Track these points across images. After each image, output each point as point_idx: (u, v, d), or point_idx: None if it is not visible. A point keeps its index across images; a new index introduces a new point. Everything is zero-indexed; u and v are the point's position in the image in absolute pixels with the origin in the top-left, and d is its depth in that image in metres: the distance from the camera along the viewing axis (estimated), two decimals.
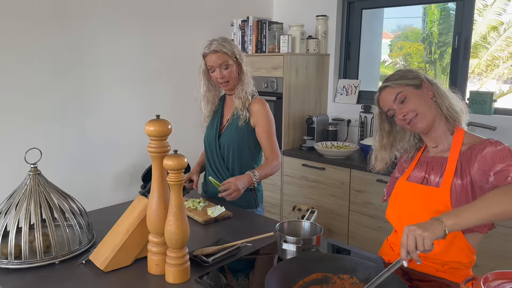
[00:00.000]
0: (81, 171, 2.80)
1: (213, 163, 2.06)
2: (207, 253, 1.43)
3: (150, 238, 1.33)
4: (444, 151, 1.39)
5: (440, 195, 1.30)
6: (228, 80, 1.93)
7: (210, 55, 1.90)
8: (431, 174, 1.38)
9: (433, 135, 1.40)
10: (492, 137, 1.31)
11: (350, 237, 2.93)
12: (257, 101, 1.98)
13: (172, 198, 1.24)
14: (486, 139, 1.31)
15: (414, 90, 1.36)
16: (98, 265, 1.34)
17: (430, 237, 1.06)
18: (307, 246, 1.33)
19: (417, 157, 1.47)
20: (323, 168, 3.01)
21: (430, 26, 6.90)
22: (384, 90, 1.41)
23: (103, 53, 2.80)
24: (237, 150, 1.99)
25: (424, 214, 1.32)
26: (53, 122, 2.64)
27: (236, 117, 1.97)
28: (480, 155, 1.26)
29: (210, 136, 2.06)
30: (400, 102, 1.36)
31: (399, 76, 1.40)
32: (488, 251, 2.30)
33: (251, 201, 2.04)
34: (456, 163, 1.31)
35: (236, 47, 1.94)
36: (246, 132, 1.98)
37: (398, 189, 1.45)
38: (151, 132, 1.25)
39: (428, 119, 1.36)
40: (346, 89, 3.48)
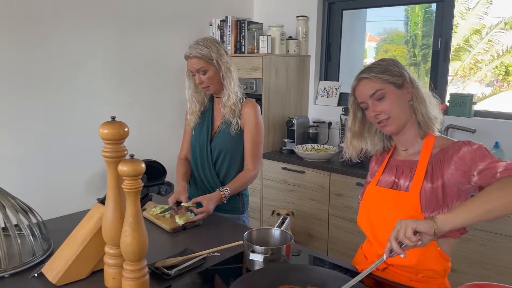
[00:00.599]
0: (49, 176, 2.68)
1: (202, 167, 1.95)
2: (170, 264, 1.34)
3: (107, 249, 1.24)
4: (414, 154, 1.33)
5: (410, 199, 1.25)
6: (208, 85, 1.83)
7: (189, 60, 1.81)
8: (400, 178, 1.32)
9: (403, 138, 1.35)
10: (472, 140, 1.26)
11: (329, 241, 2.87)
12: (248, 105, 1.88)
13: (128, 207, 1.15)
14: (458, 141, 1.27)
15: (394, 89, 1.29)
16: (50, 279, 1.24)
17: (411, 225, 1.03)
18: (275, 256, 1.26)
19: (385, 160, 1.41)
20: (303, 171, 2.95)
21: (413, 29, 6.92)
22: (363, 81, 1.32)
23: (74, 55, 2.70)
24: (229, 157, 1.90)
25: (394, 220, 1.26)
26: (19, 124, 2.52)
27: (228, 124, 1.87)
28: (457, 157, 1.21)
29: (201, 140, 1.94)
30: (377, 99, 1.29)
31: (383, 70, 1.30)
32: (466, 255, 2.26)
33: (239, 206, 1.95)
34: (426, 166, 1.26)
35: (216, 50, 1.80)
36: (239, 138, 1.88)
37: (368, 195, 1.39)
38: (106, 135, 1.16)
39: (399, 123, 1.31)
40: (327, 91, 3.42)
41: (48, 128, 2.65)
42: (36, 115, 2.59)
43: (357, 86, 1.34)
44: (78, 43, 2.71)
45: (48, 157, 2.67)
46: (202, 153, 1.93)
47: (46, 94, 2.62)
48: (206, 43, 1.80)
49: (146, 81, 3.10)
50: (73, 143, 2.76)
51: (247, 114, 1.87)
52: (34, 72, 2.55)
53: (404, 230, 1.03)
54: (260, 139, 1.90)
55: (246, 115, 1.87)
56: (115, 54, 2.90)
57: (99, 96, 2.85)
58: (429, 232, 1.03)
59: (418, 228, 1.02)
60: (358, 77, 1.34)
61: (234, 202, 1.92)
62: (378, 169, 1.42)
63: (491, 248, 2.21)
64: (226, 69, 1.82)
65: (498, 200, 1.05)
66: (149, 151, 3.10)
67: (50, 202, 2.62)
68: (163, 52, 3.17)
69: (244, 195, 1.97)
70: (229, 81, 1.83)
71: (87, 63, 2.77)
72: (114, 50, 2.89)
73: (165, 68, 3.20)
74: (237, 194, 1.92)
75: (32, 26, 2.50)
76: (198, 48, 1.78)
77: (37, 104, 2.59)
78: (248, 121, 1.87)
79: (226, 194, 1.77)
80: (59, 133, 2.70)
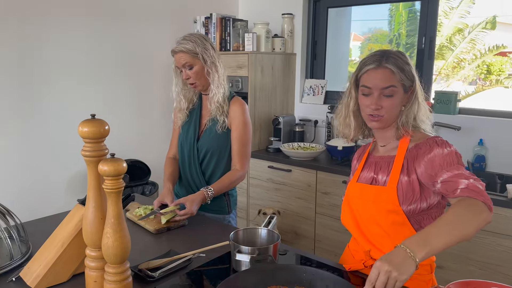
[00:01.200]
0: (27, 177, 2.61)
1: (188, 166, 1.91)
2: (154, 266, 1.31)
3: (87, 252, 1.19)
4: (392, 149, 1.33)
5: (387, 193, 1.25)
6: (195, 82, 1.80)
7: (175, 55, 1.79)
8: (379, 174, 1.32)
9: (382, 135, 1.35)
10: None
11: (316, 240, 2.86)
12: (235, 103, 1.84)
13: (109, 207, 1.11)
14: (432, 137, 1.26)
15: (402, 92, 1.26)
16: (28, 283, 1.20)
17: (404, 281, 0.96)
18: (262, 256, 1.23)
19: (364, 157, 1.40)
20: (290, 170, 2.93)
21: (397, 28, 6.97)
22: (382, 70, 1.23)
23: (52, 52, 2.63)
24: (216, 156, 1.86)
25: (376, 214, 1.27)
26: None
27: (215, 122, 1.83)
28: (428, 158, 1.20)
29: (188, 139, 1.90)
30: (385, 95, 1.24)
31: (402, 65, 1.23)
32: (452, 252, 2.27)
33: (224, 206, 1.91)
34: (402, 161, 1.26)
35: (202, 45, 1.76)
36: (226, 137, 1.85)
37: (349, 192, 1.38)
38: (85, 133, 1.12)
39: (387, 123, 1.30)
40: (313, 89, 3.41)
41: (26, 128, 2.58)
42: (13, 114, 2.51)
43: (374, 70, 1.25)
44: (57, 40, 2.64)
45: (26, 158, 2.59)
46: (189, 152, 1.89)
47: (23, 92, 2.54)
48: (192, 38, 1.78)
49: (129, 79, 3.05)
50: (52, 143, 2.69)
51: (233, 112, 1.83)
52: (10, 70, 2.47)
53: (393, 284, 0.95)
54: (248, 138, 1.86)
55: (233, 113, 1.83)
56: (96, 51, 2.84)
57: (79, 94, 2.78)
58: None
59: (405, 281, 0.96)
60: (379, 62, 1.24)
61: (219, 202, 1.88)
62: (358, 165, 1.41)
63: (476, 244, 2.22)
64: (212, 64, 1.78)
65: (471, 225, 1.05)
66: (132, 151, 3.05)
67: (29, 204, 2.56)
68: (147, 50, 3.12)
69: (230, 195, 1.93)
70: (214, 77, 1.79)
71: (66, 60, 2.70)
72: (95, 46, 2.83)
73: (149, 66, 3.15)
74: (222, 194, 1.88)
75: (7, 22, 2.42)
76: (183, 43, 1.76)
77: (13, 103, 2.51)
78: (234, 120, 1.83)
79: (209, 194, 1.74)
80: (37, 132, 2.62)
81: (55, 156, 2.71)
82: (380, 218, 1.25)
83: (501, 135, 2.56)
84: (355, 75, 1.32)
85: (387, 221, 1.24)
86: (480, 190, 1.12)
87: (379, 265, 0.97)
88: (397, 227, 1.24)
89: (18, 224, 1.45)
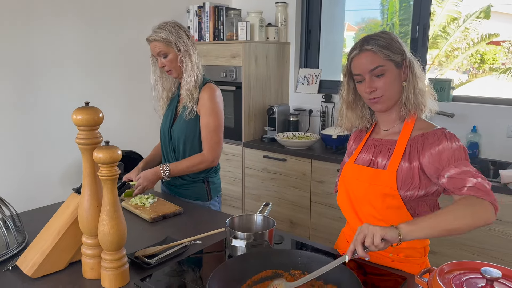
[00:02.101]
0: (23, 167, 2.60)
1: (166, 153, 1.97)
2: (151, 253, 1.31)
3: (84, 239, 1.20)
4: (394, 134, 1.32)
5: (386, 177, 1.25)
6: (170, 69, 1.83)
7: (150, 44, 1.83)
8: (378, 157, 1.31)
9: (386, 117, 1.34)
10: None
11: (312, 228, 2.88)
12: (204, 89, 1.85)
13: (105, 195, 1.12)
14: (440, 129, 1.25)
15: (394, 68, 1.25)
16: (25, 271, 1.20)
17: (379, 232, 1.01)
18: (258, 241, 1.24)
19: (364, 139, 1.40)
20: (284, 159, 2.94)
21: (391, 18, 6.97)
22: (365, 53, 1.24)
23: (46, 43, 2.60)
24: (188, 142, 1.89)
25: (371, 197, 1.27)
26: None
27: (185, 109, 1.86)
28: (435, 151, 1.20)
29: (164, 126, 1.96)
30: (376, 75, 1.24)
31: (386, 44, 1.23)
32: (446, 238, 2.30)
33: (203, 193, 1.93)
34: (405, 146, 1.25)
35: (176, 33, 1.80)
36: (195, 124, 1.87)
37: (345, 172, 1.38)
38: (79, 121, 1.12)
39: (390, 103, 1.28)
40: (307, 78, 3.41)
41: (21, 119, 2.56)
42: (8, 105, 2.49)
43: (357, 56, 1.26)
44: (49, 30, 2.61)
45: (21, 148, 2.58)
46: (165, 138, 1.95)
47: (18, 84, 2.52)
48: (166, 27, 1.81)
49: (122, 69, 3.02)
50: (48, 133, 2.67)
51: (202, 98, 1.85)
52: (4, 61, 2.45)
53: (372, 238, 1.02)
54: (216, 125, 1.85)
55: (201, 100, 1.85)
56: (89, 42, 2.81)
57: (73, 86, 2.76)
58: (394, 241, 1.03)
59: (386, 236, 1.02)
60: (360, 47, 1.25)
61: (198, 189, 1.92)
62: (356, 147, 1.41)
63: (477, 231, 2.24)
64: (185, 52, 1.80)
65: (464, 221, 1.06)
66: (127, 142, 3.04)
67: (25, 195, 2.55)
68: (139, 40, 3.09)
69: (210, 182, 1.94)
70: (187, 65, 1.81)
71: (60, 51, 2.67)
72: (87, 37, 2.80)
73: (141, 57, 3.11)
74: (201, 181, 1.91)
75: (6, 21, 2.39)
76: (158, 32, 1.80)
77: (8, 94, 2.49)
78: (202, 106, 1.84)
79: (165, 170, 1.79)
80: (32, 123, 2.61)
81: (51, 147, 2.70)
82: (376, 201, 1.26)
83: (494, 121, 2.58)
84: (347, 66, 1.33)
85: (382, 204, 1.25)
86: (487, 190, 1.12)
87: (363, 228, 1.05)
88: (392, 211, 1.25)
89: (14, 214, 1.45)
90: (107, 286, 1.15)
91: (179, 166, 1.82)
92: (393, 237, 1.02)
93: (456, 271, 0.97)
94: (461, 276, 0.95)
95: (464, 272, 0.96)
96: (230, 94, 3.15)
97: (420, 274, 1.02)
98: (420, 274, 1.02)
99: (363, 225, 1.05)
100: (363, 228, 1.04)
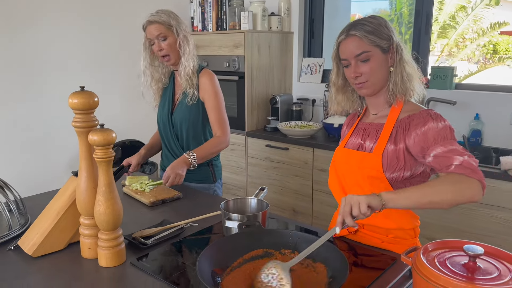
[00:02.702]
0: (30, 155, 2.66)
1: (167, 142, 2.00)
2: (147, 235, 1.35)
3: (82, 220, 1.24)
4: (382, 117, 1.34)
5: (372, 160, 1.26)
6: (168, 54, 1.85)
7: (149, 27, 1.84)
8: (366, 140, 1.34)
9: (374, 101, 1.35)
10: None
11: (314, 216, 2.90)
12: (203, 74, 1.90)
13: (100, 176, 1.15)
14: (426, 110, 1.26)
15: (380, 53, 1.26)
16: (26, 250, 1.24)
17: (365, 200, 1.05)
18: (250, 222, 1.27)
19: (355, 124, 1.42)
20: (287, 148, 2.96)
21: (399, 7, 6.89)
22: (351, 38, 1.25)
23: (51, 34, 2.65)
24: (191, 128, 1.92)
25: (360, 180, 1.29)
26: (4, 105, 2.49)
27: (186, 95, 1.89)
28: (421, 131, 1.21)
29: (163, 115, 1.98)
30: (361, 60, 1.26)
31: (372, 30, 1.24)
32: (446, 225, 2.31)
33: (209, 176, 1.98)
34: (391, 129, 1.27)
35: (175, 18, 1.85)
36: (197, 108, 1.91)
37: (336, 157, 1.40)
38: (75, 105, 1.15)
39: (375, 88, 1.30)
40: (310, 68, 3.41)
41: (28, 107, 2.62)
42: (15, 94, 2.55)
43: (343, 41, 1.28)
44: (53, 22, 2.65)
45: (29, 136, 2.64)
46: (165, 127, 1.97)
47: (25, 73, 2.58)
48: (166, 12, 1.85)
49: (125, 59, 3.06)
50: (53, 121, 2.73)
51: (203, 83, 1.88)
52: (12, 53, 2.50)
53: (358, 207, 1.05)
54: (222, 106, 1.92)
55: (203, 85, 1.88)
56: (92, 32, 2.85)
57: (78, 75, 2.81)
58: (378, 208, 1.06)
59: (371, 204, 1.05)
60: (347, 32, 1.27)
61: (204, 172, 1.95)
62: (348, 131, 1.43)
63: (470, 217, 2.25)
64: (184, 37, 1.84)
65: (446, 196, 1.08)
66: (132, 131, 3.08)
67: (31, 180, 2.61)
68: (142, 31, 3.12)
69: (214, 165, 1.99)
70: (185, 50, 1.84)
71: (64, 43, 2.72)
72: (90, 28, 2.84)
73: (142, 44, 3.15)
74: (206, 164, 1.94)
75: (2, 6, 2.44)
76: (157, 15, 1.82)
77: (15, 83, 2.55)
78: (206, 90, 1.88)
79: (191, 157, 1.79)
80: (39, 112, 2.67)
81: (57, 134, 2.76)
82: (364, 184, 1.28)
83: (497, 109, 2.56)
84: (335, 51, 1.34)
85: (370, 187, 1.26)
86: (475, 168, 1.12)
87: (347, 198, 1.07)
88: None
89: (18, 199, 1.50)
90: (103, 265, 1.19)
91: (202, 151, 1.84)
92: (377, 204, 1.06)
93: (441, 250, 0.98)
94: (445, 254, 0.96)
95: (449, 250, 0.98)
96: (233, 84, 3.17)
97: (405, 253, 1.04)
98: (406, 252, 1.04)
99: (348, 196, 1.08)
100: (348, 199, 1.07)
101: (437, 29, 7.01)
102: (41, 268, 1.20)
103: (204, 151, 1.84)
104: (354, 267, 1.20)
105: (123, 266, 1.20)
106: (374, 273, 1.14)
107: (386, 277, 1.13)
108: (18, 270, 1.18)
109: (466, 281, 0.85)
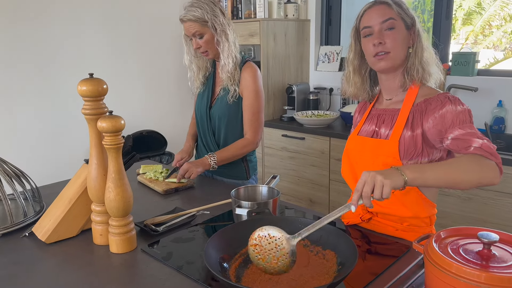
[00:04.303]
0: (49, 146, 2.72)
1: (203, 134, 1.93)
2: (159, 222, 1.36)
3: (93, 207, 1.25)
4: (397, 103, 1.30)
5: (389, 147, 1.22)
6: (206, 50, 1.76)
7: (184, 24, 1.74)
8: (381, 127, 1.29)
9: (389, 84, 1.31)
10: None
11: (331, 207, 2.87)
12: (246, 69, 1.79)
13: (110, 163, 1.16)
14: (443, 93, 1.21)
15: (403, 27, 1.23)
16: (39, 237, 1.27)
17: (390, 184, 0.96)
18: (259, 209, 1.26)
19: (368, 110, 1.38)
20: (303, 138, 2.93)
21: None
22: (379, 6, 1.23)
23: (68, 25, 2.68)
24: (229, 124, 1.84)
25: (375, 168, 1.25)
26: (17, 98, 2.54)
27: (227, 92, 1.81)
28: (439, 114, 1.17)
29: (202, 106, 1.90)
30: (387, 28, 1.22)
31: (400, 2, 1.24)
32: (467, 215, 2.24)
33: (242, 172, 1.91)
34: (408, 115, 1.23)
35: (211, 11, 1.70)
36: (237, 106, 1.82)
37: (349, 144, 1.37)
38: (84, 92, 1.16)
39: (395, 62, 1.24)
40: (328, 56, 3.36)
41: (49, 101, 2.67)
42: (34, 88, 2.60)
43: (369, 10, 1.25)
44: (68, 11, 2.68)
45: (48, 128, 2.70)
46: (202, 120, 1.90)
47: (44, 67, 2.62)
48: (200, 4, 1.70)
49: (141, 50, 3.08)
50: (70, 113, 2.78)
51: (244, 80, 1.79)
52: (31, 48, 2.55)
53: (381, 190, 0.96)
54: (259, 106, 1.82)
55: (244, 81, 1.79)
56: (107, 24, 2.87)
57: (96, 66, 2.84)
58: (399, 189, 1.00)
59: (395, 188, 0.98)
60: (374, 1, 1.26)
61: (237, 167, 1.89)
62: (361, 119, 1.39)
63: (493, 207, 2.18)
64: (222, 32, 1.72)
65: (471, 175, 1.04)
66: (150, 122, 3.11)
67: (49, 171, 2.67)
68: (157, 19, 3.12)
69: (248, 161, 1.92)
70: (224, 46, 1.73)
71: (81, 37, 2.75)
72: (107, 20, 2.86)
73: (159, 36, 3.16)
74: (240, 160, 1.88)
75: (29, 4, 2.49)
76: (191, 10, 1.70)
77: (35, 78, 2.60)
78: (246, 88, 1.79)
79: (212, 159, 1.74)
80: (58, 106, 2.71)
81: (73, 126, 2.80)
82: None
83: None
84: (354, 26, 1.30)
85: None
86: (493, 151, 1.09)
87: (365, 174, 0.99)
88: None
89: (34, 188, 1.52)
90: (114, 251, 1.20)
91: (224, 154, 1.78)
92: (400, 185, 0.99)
93: (454, 237, 0.95)
94: (458, 242, 0.93)
95: (462, 237, 0.94)
96: None
97: (417, 240, 1.01)
98: (418, 240, 1.01)
99: (370, 174, 0.98)
100: (372, 177, 0.97)
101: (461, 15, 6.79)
102: (54, 254, 1.22)
103: (227, 154, 1.78)
104: (367, 254, 1.18)
105: (134, 253, 1.21)
106: (387, 261, 1.11)
107: (399, 265, 1.10)
108: (32, 256, 1.20)
109: (480, 269, 0.82)
